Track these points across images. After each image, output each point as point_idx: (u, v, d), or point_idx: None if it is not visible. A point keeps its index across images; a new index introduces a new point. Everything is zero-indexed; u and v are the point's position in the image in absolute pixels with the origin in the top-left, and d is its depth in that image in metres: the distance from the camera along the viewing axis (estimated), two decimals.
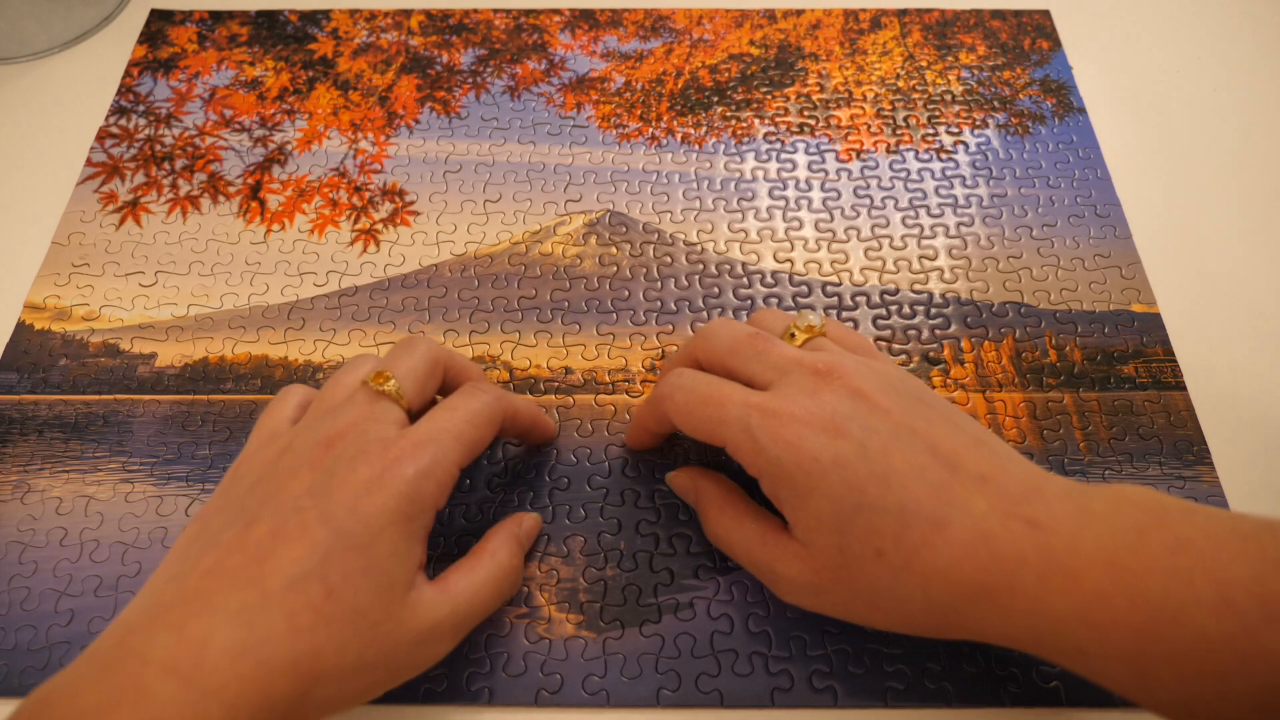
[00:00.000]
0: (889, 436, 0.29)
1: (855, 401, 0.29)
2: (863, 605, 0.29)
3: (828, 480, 0.28)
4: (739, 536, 0.32)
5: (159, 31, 0.52)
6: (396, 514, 0.28)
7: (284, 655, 0.26)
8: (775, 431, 0.29)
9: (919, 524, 0.27)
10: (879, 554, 0.28)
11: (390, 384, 0.31)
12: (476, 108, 0.49)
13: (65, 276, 0.43)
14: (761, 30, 0.53)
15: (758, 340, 0.32)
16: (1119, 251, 0.44)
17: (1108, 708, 0.32)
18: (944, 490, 0.28)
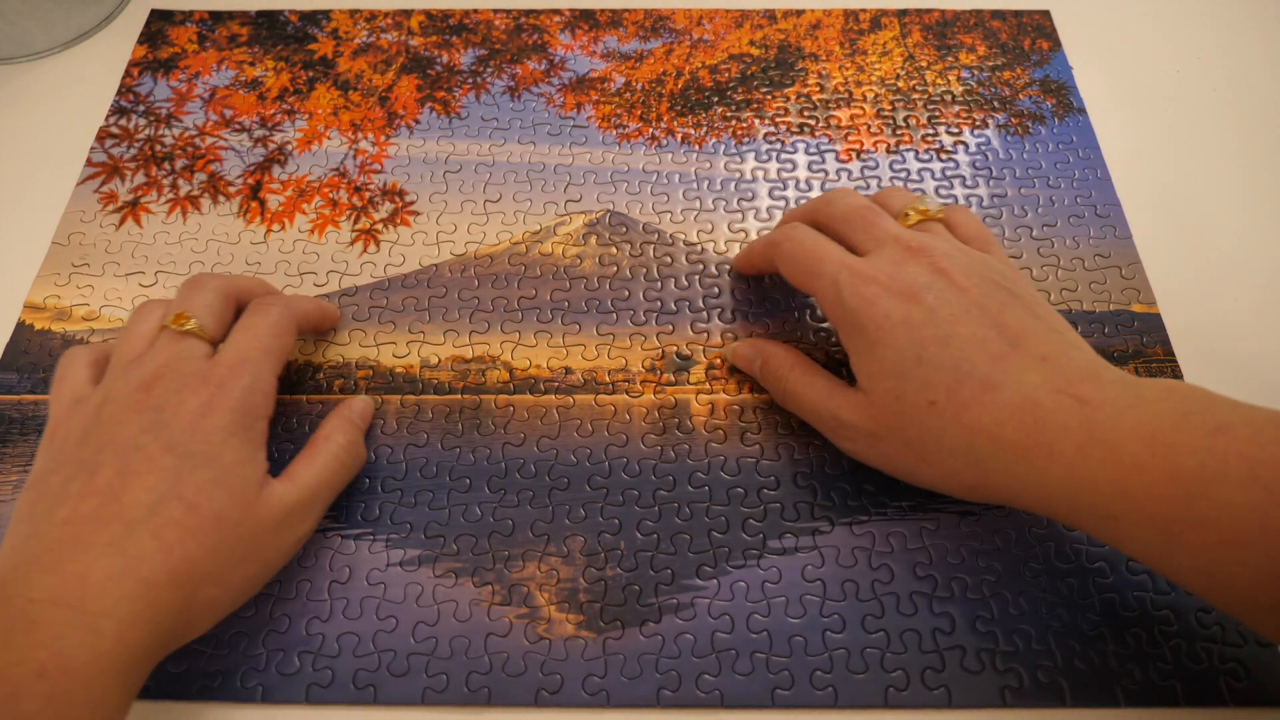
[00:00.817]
0: (959, 308, 0.31)
1: (935, 276, 0.32)
2: (912, 455, 0.32)
3: (895, 334, 0.31)
4: (810, 391, 0.35)
5: (159, 31, 0.52)
6: (234, 427, 0.31)
7: (161, 569, 0.28)
8: (857, 288, 0.33)
9: (971, 383, 0.30)
10: (932, 404, 0.30)
11: (191, 323, 0.34)
12: (476, 108, 0.49)
13: (65, 276, 0.43)
14: (761, 30, 0.53)
15: (868, 212, 0.35)
16: (1119, 251, 0.44)
17: (1108, 708, 0.32)
18: (1001, 360, 0.30)
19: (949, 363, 0.30)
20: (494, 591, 0.35)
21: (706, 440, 0.38)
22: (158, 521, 0.28)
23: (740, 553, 0.35)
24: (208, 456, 0.30)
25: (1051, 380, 0.29)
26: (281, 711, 0.32)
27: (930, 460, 0.31)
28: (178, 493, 0.29)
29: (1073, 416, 0.28)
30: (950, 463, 0.31)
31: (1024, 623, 0.33)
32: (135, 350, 0.33)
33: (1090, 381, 0.29)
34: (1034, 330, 0.31)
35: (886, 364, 0.31)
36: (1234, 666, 0.33)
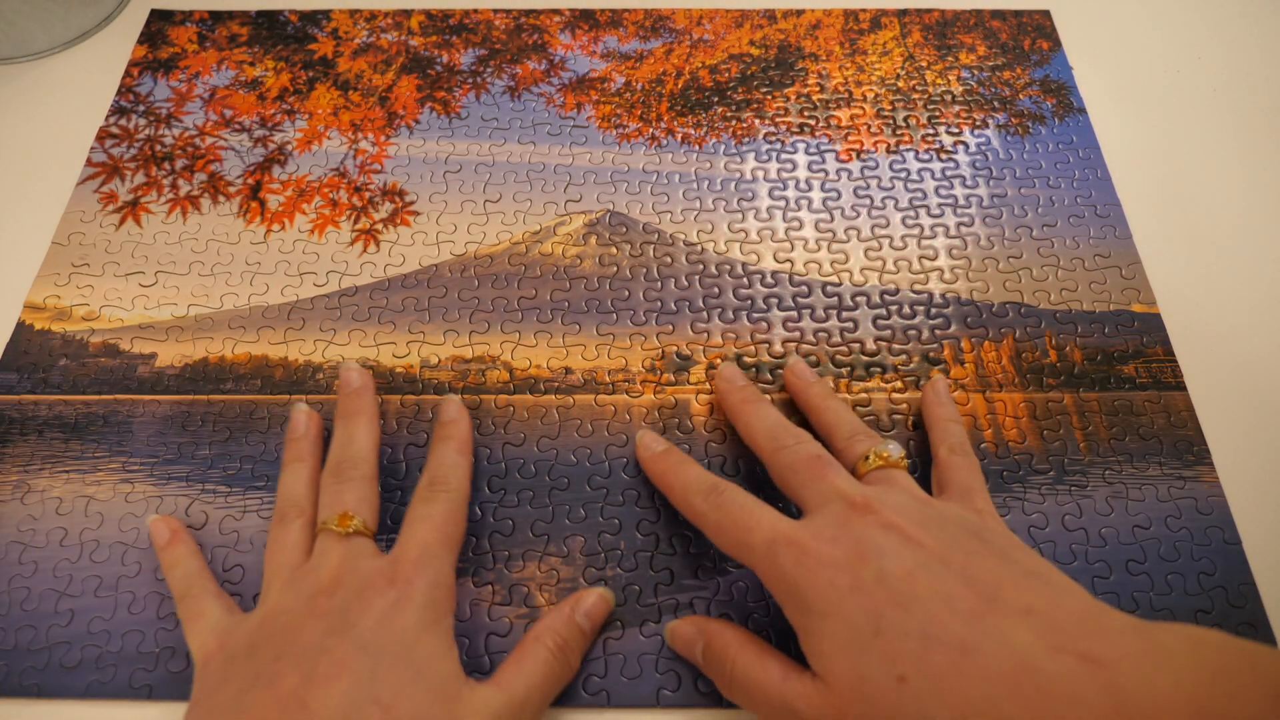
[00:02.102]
0: (914, 564, 0.27)
1: (885, 533, 0.28)
2: None
3: (844, 604, 0.27)
4: (760, 676, 0.29)
5: (159, 31, 0.52)
6: (426, 622, 0.29)
7: None
8: (797, 559, 0.28)
9: (943, 649, 0.25)
10: (901, 680, 0.25)
11: (355, 521, 0.32)
12: (476, 108, 0.49)
13: (65, 276, 0.43)
14: (761, 30, 0.53)
15: (816, 467, 0.31)
16: (1119, 251, 0.44)
17: None
18: (975, 618, 0.26)
19: (913, 629, 0.26)
20: (494, 591, 0.35)
21: (706, 440, 0.38)
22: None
23: None
24: (402, 655, 0.28)
25: (1045, 637, 0.25)
26: None
27: None
28: (374, 695, 0.26)
29: (1086, 682, 0.24)
30: None
31: None
32: (292, 561, 0.31)
33: (1093, 634, 0.25)
34: (1009, 578, 0.27)
35: (840, 639, 0.27)
36: None
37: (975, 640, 0.25)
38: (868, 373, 0.40)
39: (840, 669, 0.27)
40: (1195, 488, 0.37)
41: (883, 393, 0.40)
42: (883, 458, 0.32)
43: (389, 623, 0.28)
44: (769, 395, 0.40)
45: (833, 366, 0.40)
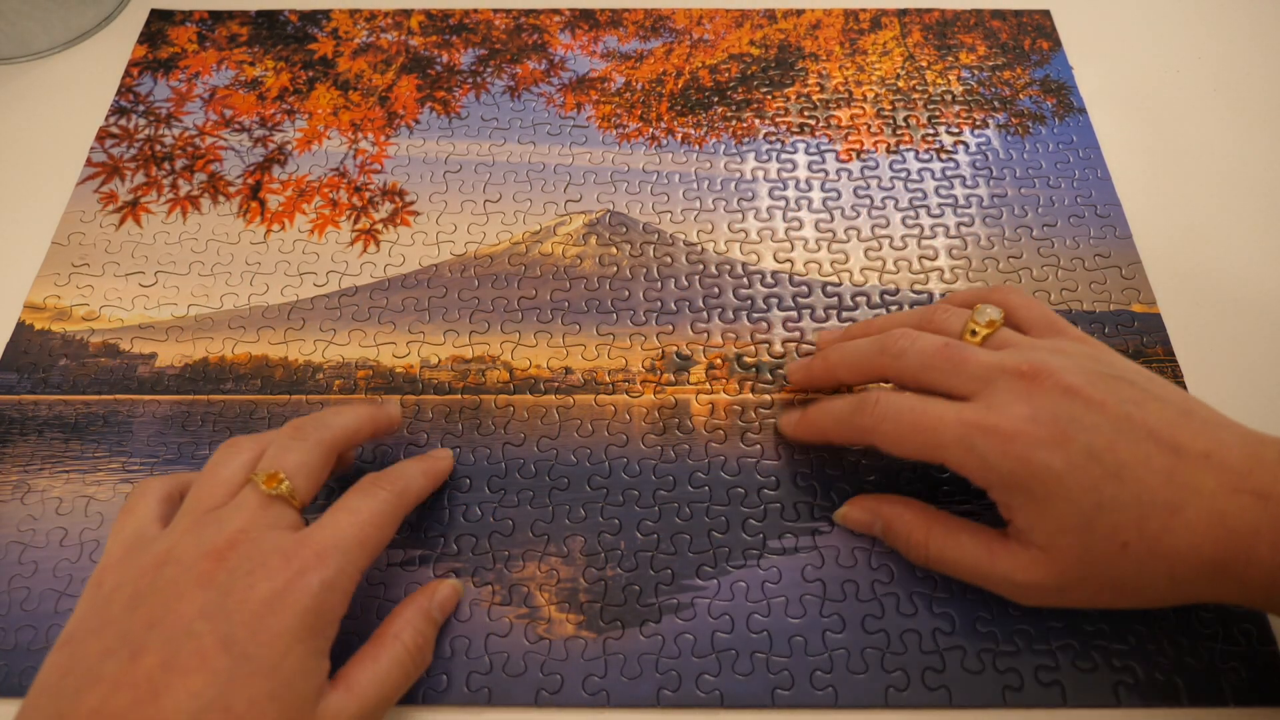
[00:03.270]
0: (1111, 432, 0.29)
1: (1070, 401, 0.30)
2: (1108, 595, 0.30)
3: (1064, 486, 0.29)
4: (959, 553, 0.32)
5: (159, 31, 0.52)
6: (302, 631, 0.27)
7: None
8: (1002, 448, 0.29)
9: (1157, 512, 0.28)
10: (1124, 547, 0.29)
11: (284, 485, 0.30)
12: (476, 108, 0.49)
13: (65, 276, 0.43)
14: (761, 30, 0.53)
15: (950, 351, 0.32)
16: (1119, 251, 0.44)
17: (1108, 708, 0.32)
18: (1173, 475, 0.29)
19: (1129, 499, 0.29)
20: (494, 591, 0.35)
21: (706, 440, 0.38)
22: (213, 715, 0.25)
23: (740, 553, 0.35)
24: (266, 665, 0.26)
25: (1225, 481, 0.28)
26: None
27: (1128, 595, 0.30)
28: (225, 704, 0.25)
29: (1259, 516, 0.28)
30: (1150, 592, 0.30)
31: (1024, 623, 0.33)
32: (214, 499, 0.30)
33: (1258, 470, 0.29)
34: (1177, 424, 0.30)
35: (1066, 519, 0.29)
36: (1234, 666, 0.32)
37: (1177, 498, 0.28)
38: None
39: (1067, 544, 0.29)
40: None
41: None
42: (991, 324, 0.33)
43: (264, 621, 0.26)
44: (769, 395, 0.39)
45: None
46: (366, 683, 0.29)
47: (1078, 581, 0.30)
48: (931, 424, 0.31)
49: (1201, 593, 0.29)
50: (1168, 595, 0.30)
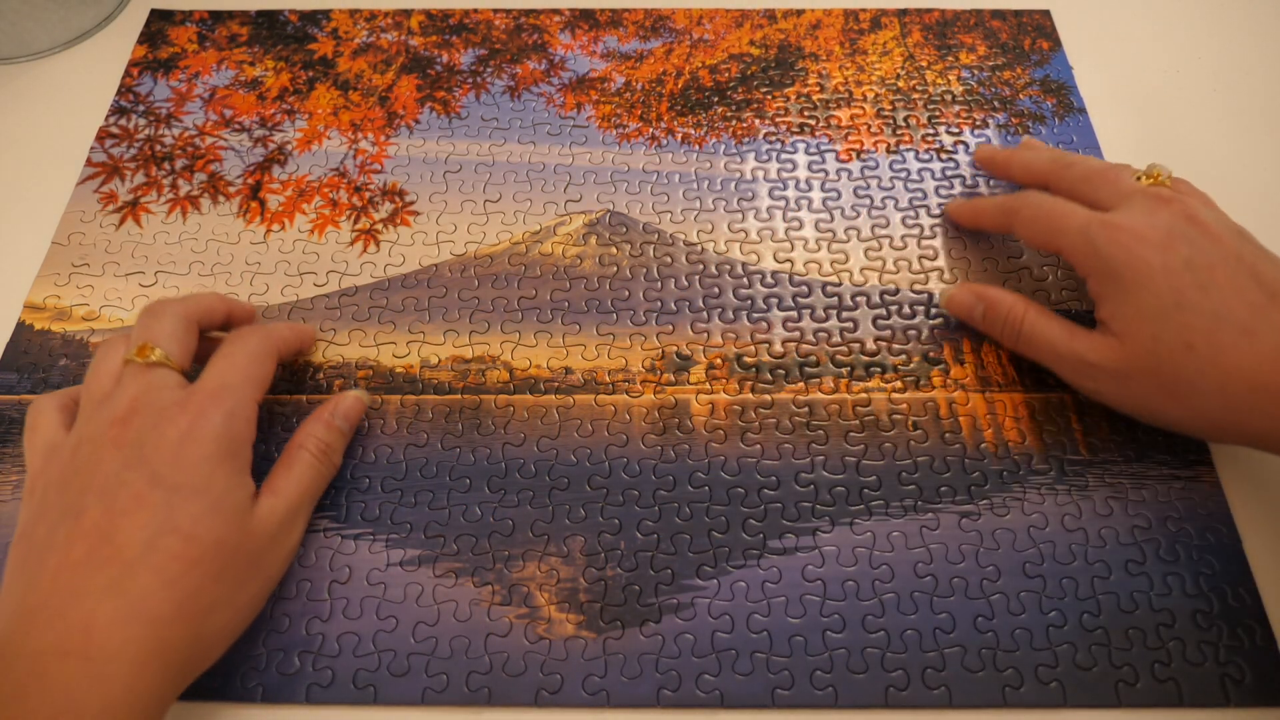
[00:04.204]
0: (1216, 257, 0.33)
1: (1190, 225, 0.34)
2: (1162, 395, 0.33)
3: (1154, 279, 0.33)
4: (1049, 333, 0.36)
5: (159, 31, 0.52)
6: (220, 455, 0.30)
7: (167, 604, 0.27)
8: (1112, 237, 0.34)
9: (1230, 329, 0.31)
10: (1189, 347, 0.32)
11: (157, 353, 0.32)
12: (476, 108, 0.49)
13: (65, 276, 0.43)
14: (761, 30, 0.53)
15: (1111, 171, 0.37)
16: None
17: (1108, 708, 0.32)
18: (1259, 309, 0.31)
19: (1208, 309, 0.32)
20: (494, 591, 0.35)
21: (706, 440, 0.38)
22: (158, 558, 0.28)
23: (740, 553, 0.35)
24: (197, 487, 0.29)
25: None
26: (281, 711, 0.32)
27: (1181, 401, 0.33)
28: (172, 525, 0.28)
29: None
30: (1201, 404, 0.32)
31: (1024, 623, 0.33)
32: (103, 389, 0.32)
33: None
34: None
35: (1145, 308, 0.33)
36: (1234, 666, 0.33)
37: (1256, 326, 0.31)
38: (868, 373, 0.40)
39: (1139, 331, 0.33)
40: (1195, 488, 0.37)
41: (883, 393, 0.40)
42: (1154, 176, 0.36)
43: (183, 455, 0.30)
44: (769, 395, 0.39)
45: (832, 366, 0.40)
46: (287, 486, 0.33)
47: (1139, 372, 0.33)
48: (1063, 215, 0.36)
49: (1249, 420, 0.31)
50: (1217, 415, 0.32)
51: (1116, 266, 0.34)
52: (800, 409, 0.39)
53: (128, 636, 0.26)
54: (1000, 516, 0.36)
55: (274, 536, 0.32)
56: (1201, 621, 0.33)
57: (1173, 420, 0.34)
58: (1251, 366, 0.31)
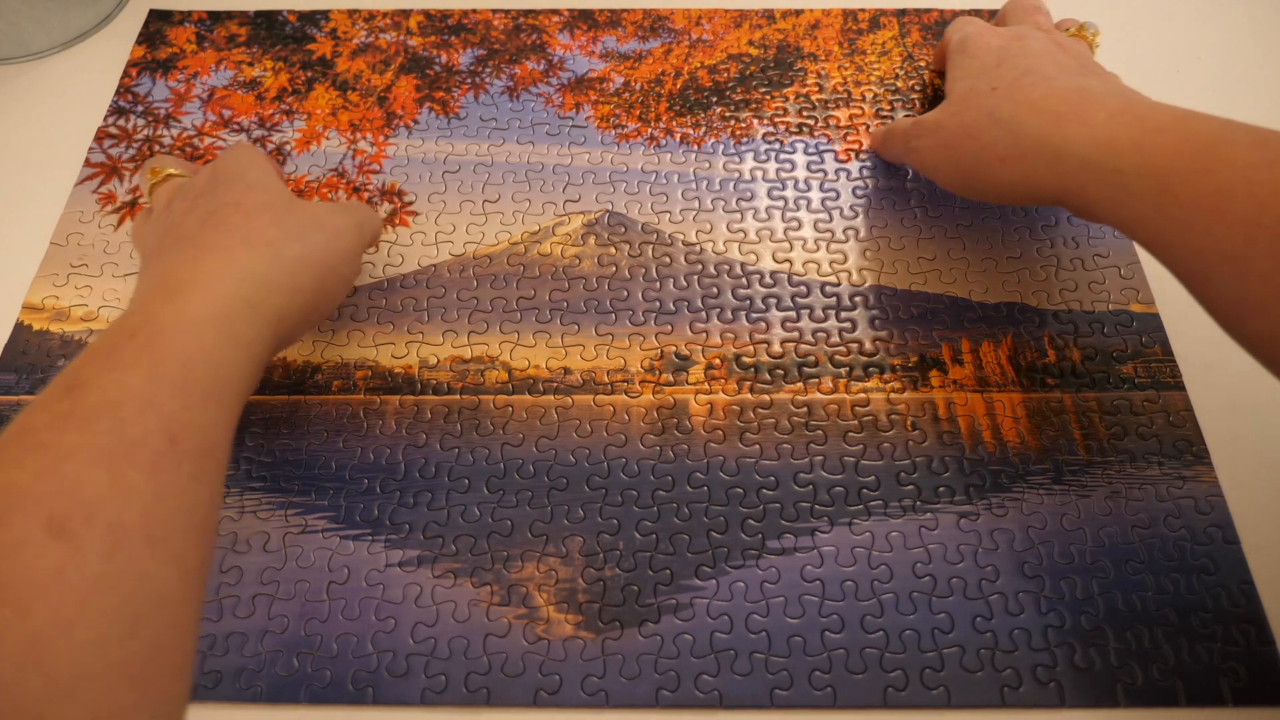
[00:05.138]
0: (1053, 49, 0.37)
1: (1046, 34, 0.38)
2: (962, 133, 0.36)
3: (988, 51, 0.38)
4: (902, 121, 0.43)
5: (158, 32, 0.52)
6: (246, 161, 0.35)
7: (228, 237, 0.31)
8: (979, 29, 0.40)
9: (1035, 76, 0.35)
10: (993, 90, 0.36)
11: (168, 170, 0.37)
12: (475, 108, 0.49)
13: (64, 277, 0.43)
14: (760, 30, 0.53)
15: (1030, 10, 0.42)
16: (1119, 251, 0.44)
17: (1108, 708, 0.32)
18: (1066, 70, 0.35)
19: (1022, 65, 0.36)
20: (493, 592, 0.35)
21: (705, 440, 0.38)
22: (213, 222, 0.32)
23: (739, 553, 0.35)
24: (233, 180, 0.34)
25: (1107, 86, 0.34)
26: (281, 712, 0.32)
27: (975, 135, 0.36)
28: (220, 202, 0.33)
29: (1113, 98, 0.32)
30: (991, 133, 0.35)
31: (1023, 623, 0.33)
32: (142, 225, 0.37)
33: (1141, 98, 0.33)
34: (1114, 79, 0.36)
35: (970, 69, 0.38)
36: (1234, 666, 0.33)
37: (1058, 76, 0.35)
38: (866, 373, 0.40)
39: (960, 87, 0.38)
40: (1194, 488, 0.37)
41: (881, 393, 0.40)
42: (1082, 30, 0.40)
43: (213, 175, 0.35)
44: (768, 395, 0.39)
45: (831, 366, 0.40)
46: None
47: (950, 117, 0.37)
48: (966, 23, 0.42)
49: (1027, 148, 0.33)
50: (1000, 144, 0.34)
51: (967, 44, 0.39)
52: (799, 409, 0.39)
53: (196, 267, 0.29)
54: (999, 517, 0.36)
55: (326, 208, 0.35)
56: (1200, 621, 0.33)
57: (967, 159, 0.36)
58: (1041, 96, 0.34)
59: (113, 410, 0.24)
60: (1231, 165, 0.28)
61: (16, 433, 0.24)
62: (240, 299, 0.29)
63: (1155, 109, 0.32)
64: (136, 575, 0.22)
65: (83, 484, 0.23)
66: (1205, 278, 0.29)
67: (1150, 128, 0.30)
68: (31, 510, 0.22)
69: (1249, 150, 0.28)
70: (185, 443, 0.25)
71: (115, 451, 0.23)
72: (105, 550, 0.22)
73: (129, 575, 0.22)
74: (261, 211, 0.33)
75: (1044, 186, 0.34)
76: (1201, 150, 0.29)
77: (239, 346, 0.28)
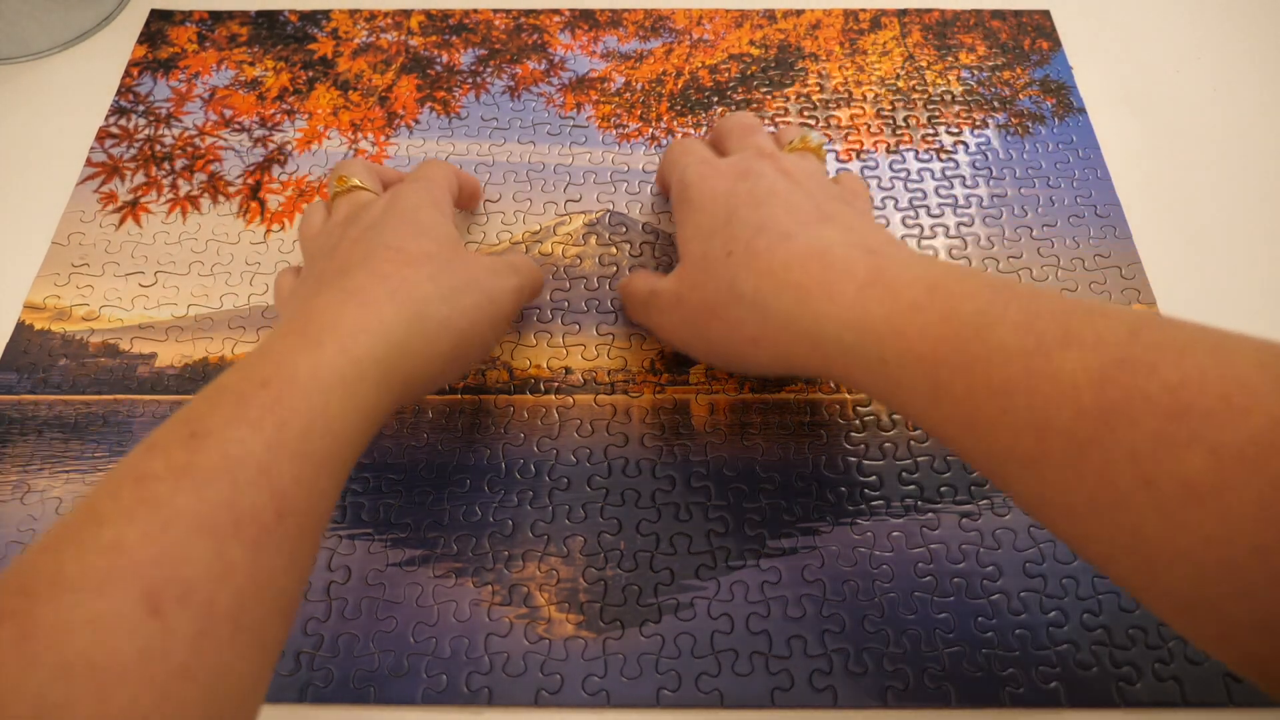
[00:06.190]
0: (781, 186, 0.33)
1: (770, 164, 0.34)
2: (706, 311, 0.32)
3: (715, 202, 0.34)
4: (637, 280, 0.38)
5: (159, 31, 0.52)
6: (422, 200, 0.35)
7: (380, 292, 0.30)
8: (698, 170, 0.35)
9: (770, 235, 0.31)
10: (729, 255, 0.31)
11: (354, 179, 0.37)
12: (476, 108, 0.49)
13: (65, 276, 0.43)
14: (761, 30, 0.53)
15: (746, 129, 0.38)
16: (1119, 251, 0.44)
17: (1108, 708, 0.32)
18: (804, 223, 0.31)
19: (755, 221, 0.31)
20: (494, 591, 0.35)
21: (706, 440, 0.38)
22: (373, 262, 0.31)
23: (740, 553, 0.35)
24: (406, 217, 0.33)
25: (848, 238, 0.30)
26: (280, 711, 0.32)
27: (719, 314, 0.32)
28: (384, 243, 0.32)
29: (859, 263, 0.29)
30: (736, 312, 0.31)
31: (1024, 622, 0.33)
32: (316, 226, 0.37)
33: (889, 247, 0.30)
34: (851, 214, 0.32)
35: (701, 227, 0.33)
36: None
37: (795, 232, 0.31)
38: None
39: (693, 249, 0.34)
40: None
41: None
42: (805, 142, 0.37)
43: (390, 209, 0.34)
44: (768, 395, 0.39)
45: None
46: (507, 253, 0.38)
47: (690, 289, 0.33)
48: (685, 153, 0.37)
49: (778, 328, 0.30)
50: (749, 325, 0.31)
51: (690, 194, 0.35)
52: (800, 409, 0.39)
53: (340, 314, 0.29)
54: (1000, 516, 0.36)
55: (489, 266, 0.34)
56: None
57: (717, 340, 0.33)
58: (781, 265, 0.30)
59: (229, 474, 0.23)
60: (1005, 354, 0.24)
61: (133, 476, 0.23)
62: (372, 361, 0.28)
63: (907, 272, 0.28)
64: (219, 668, 0.22)
65: (185, 558, 0.22)
66: (999, 476, 0.25)
67: (905, 304, 0.27)
68: (131, 580, 0.21)
69: (1018, 335, 0.24)
70: (291, 519, 0.24)
71: (223, 523, 0.23)
72: (193, 636, 0.21)
73: (212, 667, 0.21)
74: (421, 263, 0.31)
75: (808, 366, 0.30)
76: (967, 336, 0.25)
77: (361, 413, 0.27)
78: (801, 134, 0.38)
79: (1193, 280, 0.43)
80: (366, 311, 0.29)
